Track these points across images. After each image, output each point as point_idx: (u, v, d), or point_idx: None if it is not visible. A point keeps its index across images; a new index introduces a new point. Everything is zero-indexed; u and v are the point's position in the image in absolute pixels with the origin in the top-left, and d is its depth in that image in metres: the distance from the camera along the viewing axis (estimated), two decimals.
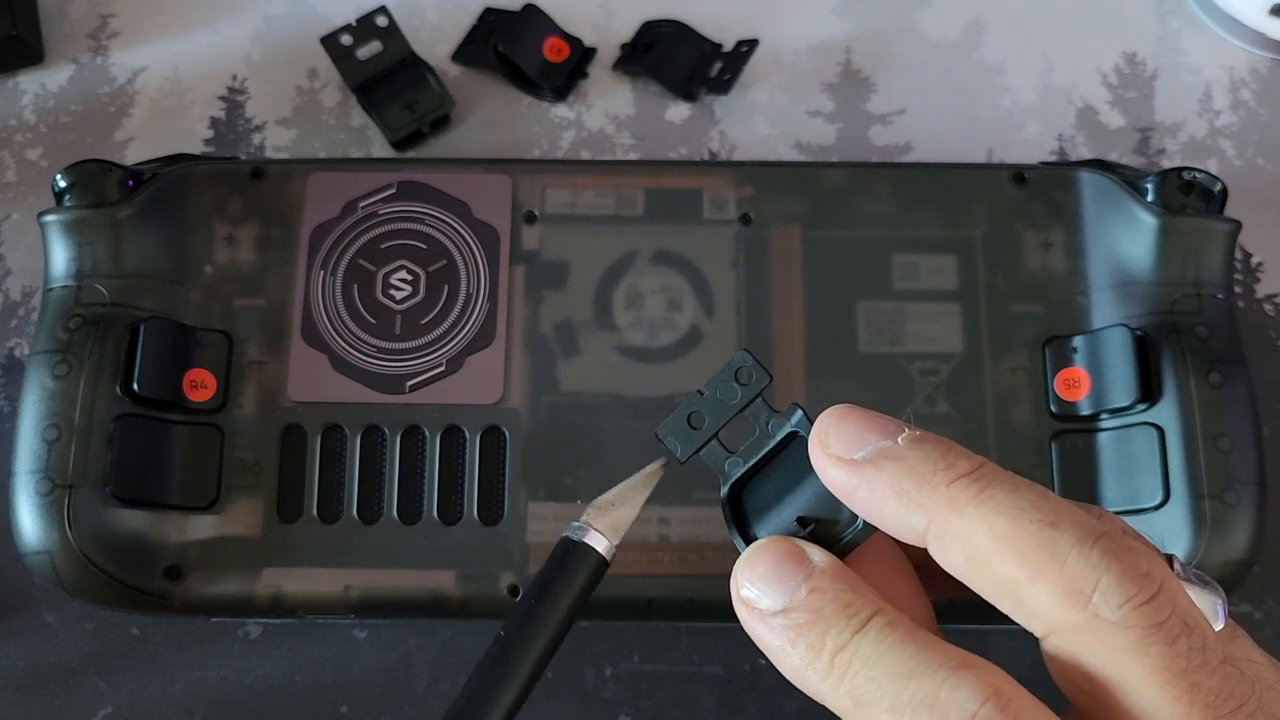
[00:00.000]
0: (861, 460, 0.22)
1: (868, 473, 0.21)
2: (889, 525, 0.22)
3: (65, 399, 0.33)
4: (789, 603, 0.21)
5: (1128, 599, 0.19)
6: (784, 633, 0.21)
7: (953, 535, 0.21)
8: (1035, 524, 0.20)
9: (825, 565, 0.22)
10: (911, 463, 0.21)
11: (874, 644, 0.21)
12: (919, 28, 0.45)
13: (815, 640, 0.21)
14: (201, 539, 0.34)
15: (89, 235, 0.35)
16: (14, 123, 0.43)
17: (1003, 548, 0.20)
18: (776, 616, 0.21)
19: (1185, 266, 0.35)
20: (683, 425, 0.24)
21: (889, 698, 0.20)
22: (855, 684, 0.20)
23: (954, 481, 0.21)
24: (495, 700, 0.24)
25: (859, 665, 0.20)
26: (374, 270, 0.36)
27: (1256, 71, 0.44)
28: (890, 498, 0.21)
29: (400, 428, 0.34)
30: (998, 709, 0.19)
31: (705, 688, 0.36)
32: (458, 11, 0.45)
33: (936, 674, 0.20)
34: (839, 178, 0.37)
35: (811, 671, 0.21)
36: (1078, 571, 0.19)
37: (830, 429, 0.22)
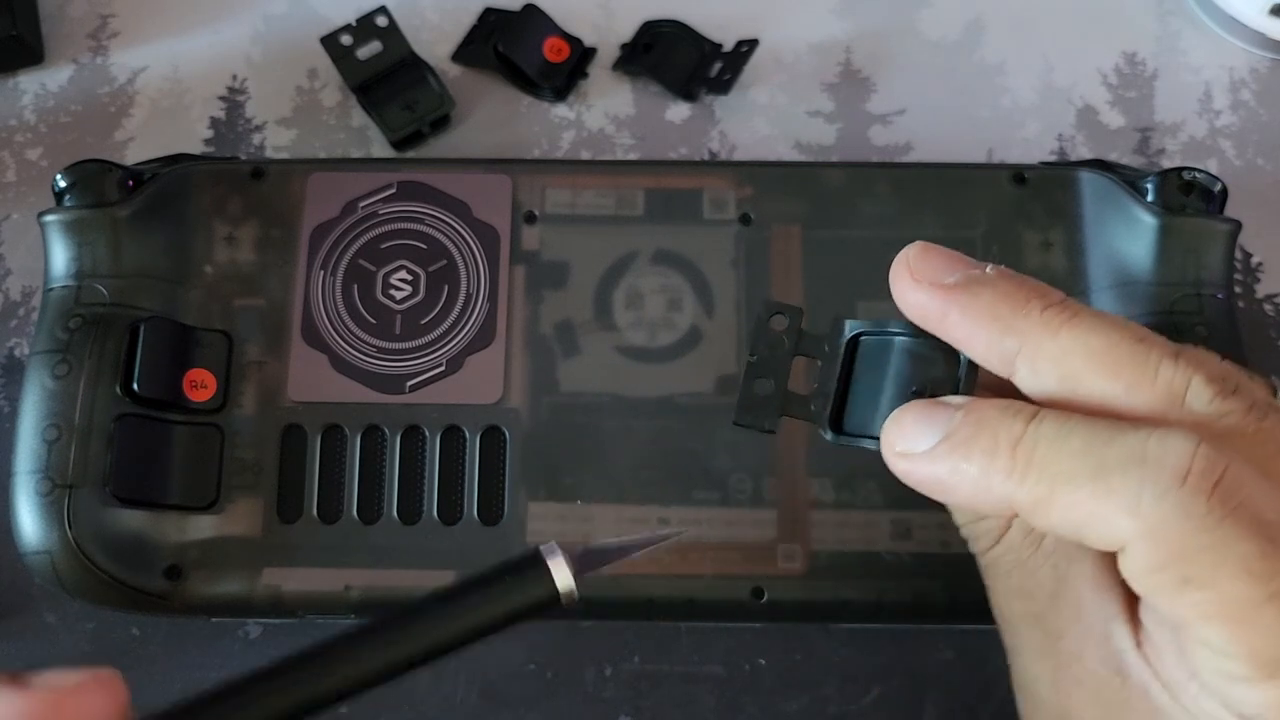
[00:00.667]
0: (954, 285, 0.22)
1: (961, 298, 0.22)
2: (979, 352, 0.22)
3: (65, 399, 0.33)
4: (948, 430, 0.21)
5: (1215, 393, 0.20)
6: (951, 455, 0.21)
7: (1047, 357, 0.21)
8: (1127, 340, 0.21)
9: (967, 399, 0.22)
10: (1005, 289, 0.22)
11: (1055, 425, 0.20)
12: (919, 28, 0.45)
13: (987, 443, 0.21)
14: (201, 539, 0.34)
15: (89, 235, 0.35)
16: (14, 123, 0.43)
17: (1099, 363, 0.20)
18: (939, 446, 0.21)
19: (1185, 266, 0.35)
20: (753, 399, 0.24)
21: (1091, 466, 0.20)
22: (1047, 465, 0.20)
23: (1048, 307, 0.21)
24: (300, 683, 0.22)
25: (1045, 447, 0.20)
26: (374, 270, 0.36)
27: (1256, 71, 0.44)
28: (985, 321, 0.21)
29: (400, 428, 0.34)
30: (1215, 449, 0.19)
31: (705, 687, 0.36)
32: (458, 11, 0.45)
33: (1136, 431, 0.20)
34: (839, 178, 0.37)
35: (994, 475, 0.20)
36: (1169, 377, 0.20)
37: (916, 258, 0.23)
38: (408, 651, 0.23)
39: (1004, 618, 0.23)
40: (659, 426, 0.34)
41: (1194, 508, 0.19)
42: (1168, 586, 0.19)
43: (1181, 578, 0.19)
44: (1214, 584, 0.19)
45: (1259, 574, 0.19)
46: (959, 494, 0.21)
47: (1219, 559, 0.19)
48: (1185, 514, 0.19)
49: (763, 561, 0.33)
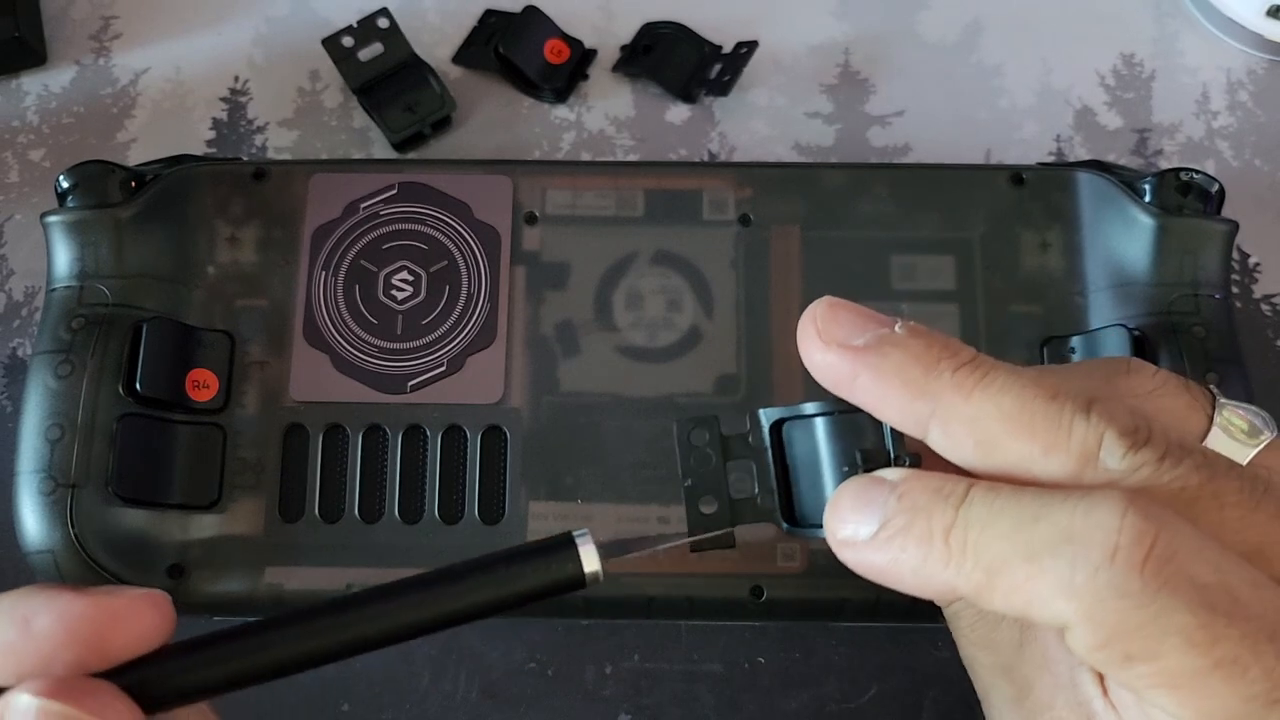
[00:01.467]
0: (863, 346, 0.21)
1: (870, 359, 0.21)
2: (892, 416, 0.21)
3: (68, 399, 0.33)
4: (884, 516, 0.21)
5: (1128, 447, 0.20)
6: (890, 544, 0.21)
7: (961, 420, 0.20)
8: (1040, 399, 0.20)
9: (903, 473, 0.21)
10: (915, 349, 0.21)
11: (983, 507, 0.20)
12: (917, 30, 0.45)
13: (922, 531, 0.20)
14: (204, 538, 0.34)
15: (92, 236, 0.35)
16: (17, 124, 0.44)
17: (1013, 426, 0.20)
18: (879, 534, 0.21)
19: (1183, 267, 0.35)
20: (703, 520, 0.24)
21: (1023, 549, 0.19)
22: (981, 551, 0.20)
23: (959, 368, 0.21)
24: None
25: (977, 531, 0.20)
26: (375, 271, 0.36)
27: (1254, 73, 0.44)
28: (895, 385, 0.21)
29: (401, 427, 0.34)
30: (1142, 517, 0.19)
31: (705, 686, 0.37)
32: (459, 13, 0.45)
33: (1063, 504, 0.19)
34: (838, 179, 0.37)
35: (932, 564, 0.20)
36: (1082, 434, 0.20)
37: (824, 317, 0.22)
38: (436, 611, 0.23)
39: (972, 669, 0.23)
40: (659, 426, 0.34)
41: (1127, 585, 0.19)
42: (1114, 661, 0.19)
43: (1124, 654, 0.19)
44: (1156, 658, 0.19)
45: (1200, 644, 0.18)
46: (905, 583, 0.21)
47: (1159, 633, 0.19)
48: (1119, 592, 0.19)
49: (762, 560, 0.33)
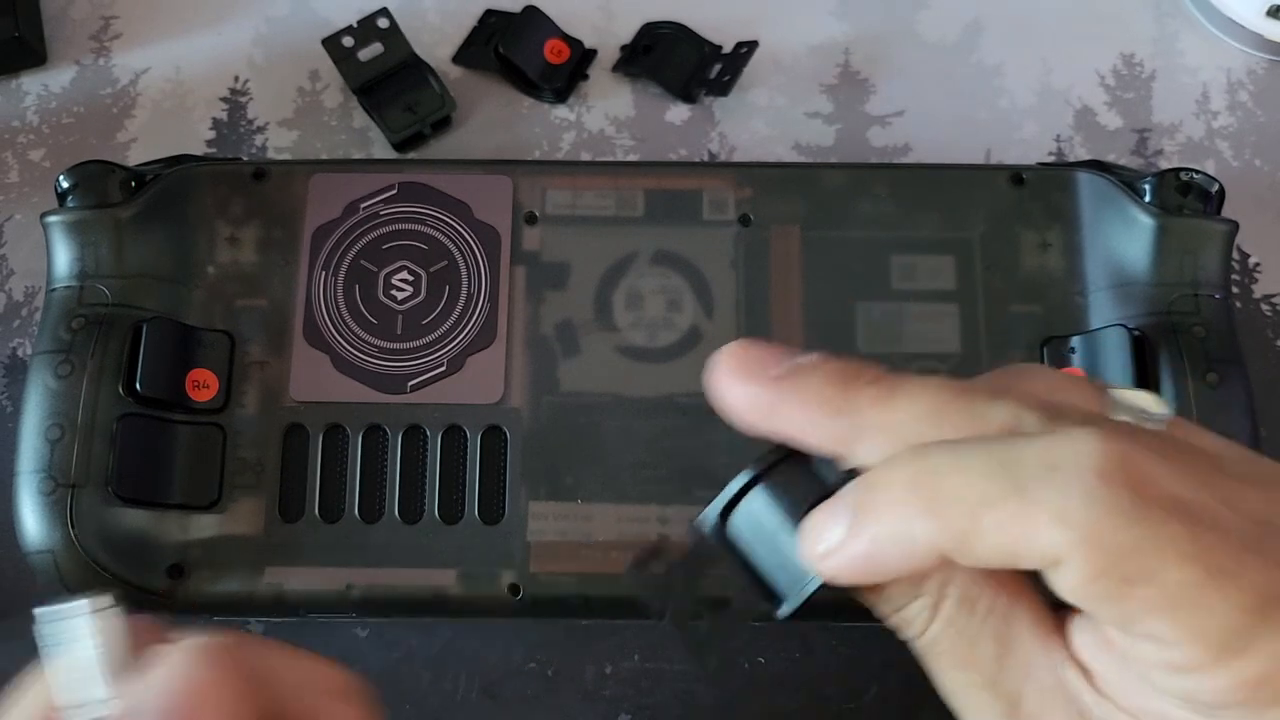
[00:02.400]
0: (780, 375, 0.22)
1: (789, 385, 0.22)
2: (815, 436, 0.22)
3: (68, 399, 0.33)
4: (852, 507, 0.21)
5: (1046, 419, 0.20)
6: (865, 526, 0.21)
7: (884, 429, 0.21)
8: (952, 394, 0.21)
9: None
10: (831, 372, 0.22)
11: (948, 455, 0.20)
12: (917, 30, 0.45)
13: (893, 496, 0.21)
14: (204, 538, 0.34)
15: (92, 236, 0.35)
16: (17, 124, 0.44)
17: (933, 423, 0.21)
18: (852, 525, 0.21)
19: (1183, 267, 0.35)
20: (703, 644, 0.23)
21: (1006, 484, 0.19)
22: (959, 495, 0.20)
23: (873, 382, 0.21)
24: None
25: (950, 478, 0.20)
26: (375, 271, 0.36)
27: (1254, 73, 0.44)
28: (816, 406, 0.21)
29: (401, 427, 0.35)
30: (1118, 441, 0.19)
31: (705, 686, 0.37)
32: (459, 13, 0.45)
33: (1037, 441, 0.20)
34: (838, 179, 0.37)
35: (913, 523, 0.20)
36: (1000, 416, 0.20)
37: (739, 355, 0.22)
38: None
39: (956, 696, 0.23)
40: (659, 426, 0.34)
41: (1121, 503, 0.19)
42: (1111, 592, 0.19)
43: (1122, 578, 0.19)
44: (1154, 576, 0.19)
45: (1191, 555, 0.19)
46: (890, 560, 0.21)
47: (1154, 549, 0.19)
48: (1115, 511, 0.19)
49: None
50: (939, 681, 0.23)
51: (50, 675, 0.21)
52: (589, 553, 0.34)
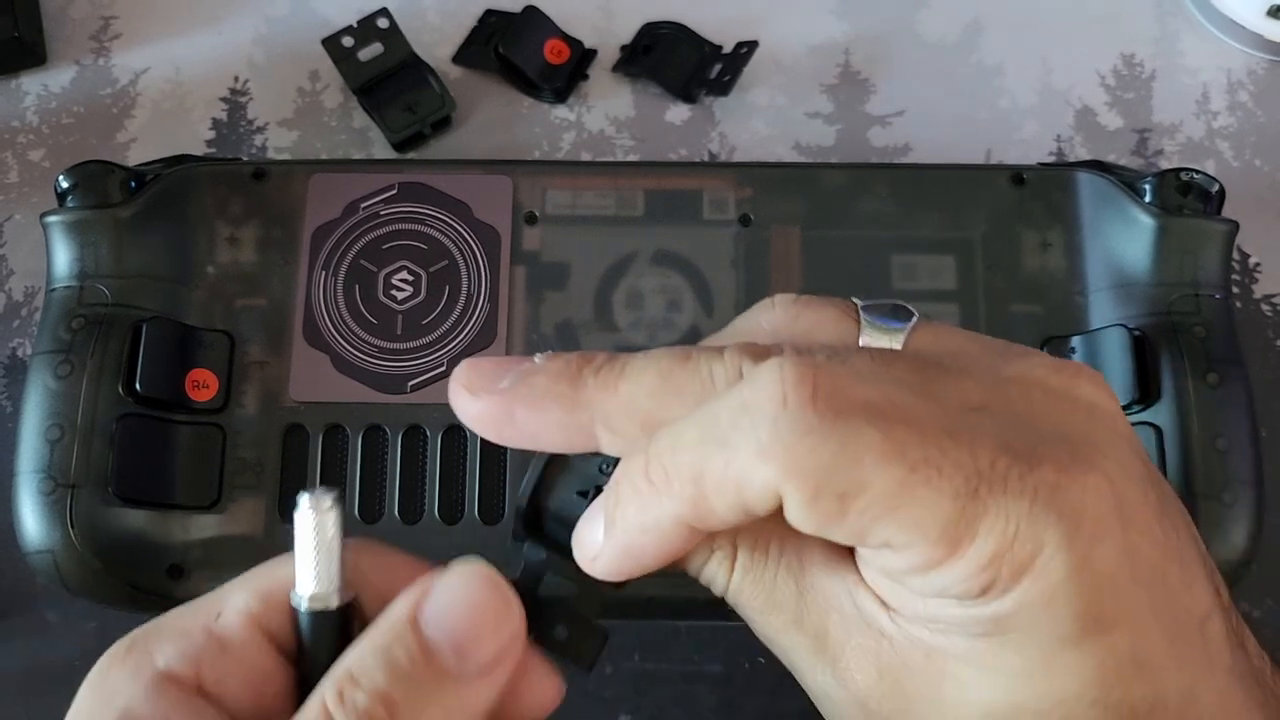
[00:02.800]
0: (509, 385, 0.22)
1: (520, 392, 0.22)
2: (557, 436, 0.22)
3: (68, 399, 0.33)
4: (604, 511, 0.22)
5: (764, 359, 0.21)
6: (616, 523, 0.22)
7: (618, 413, 0.22)
8: (674, 362, 0.21)
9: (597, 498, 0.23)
10: (554, 369, 0.22)
11: (666, 436, 0.21)
12: (918, 29, 0.45)
13: (629, 490, 0.21)
14: (204, 538, 0.34)
15: (91, 236, 0.35)
16: (16, 124, 0.44)
17: (662, 396, 0.21)
18: (607, 528, 0.22)
19: (1183, 267, 0.35)
20: (557, 645, 0.23)
21: (710, 442, 0.20)
22: (679, 469, 0.21)
23: (599, 370, 0.22)
24: None
25: (669, 457, 0.21)
26: (375, 271, 0.36)
27: (1254, 73, 0.44)
28: (548, 405, 0.22)
29: (401, 427, 0.34)
30: (797, 364, 0.20)
31: (705, 686, 0.37)
32: (458, 13, 0.45)
33: (730, 391, 0.21)
34: (838, 179, 0.37)
35: (651, 508, 0.21)
36: (722, 373, 0.21)
37: (468, 373, 0.23)
38: None
39: (771, 639, 0.24)
40: None
41: (805, 421, 0.19)
42: (831, 511, 0.20)
43: (836, 496, 0.19)
44: (864, 486, 0.19)
45: (891, 453, 0.19)
46: (648, 549, 0.22)
47: (854, 457, 0.19)
48: (804, 430, 0.19)
49: None
50: (757, 631, 0.24)
51: (293, 560, 0.22)
52: None
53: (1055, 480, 0.20)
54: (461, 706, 0.21)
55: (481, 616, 0.21)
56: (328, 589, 0.22)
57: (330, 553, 0.22)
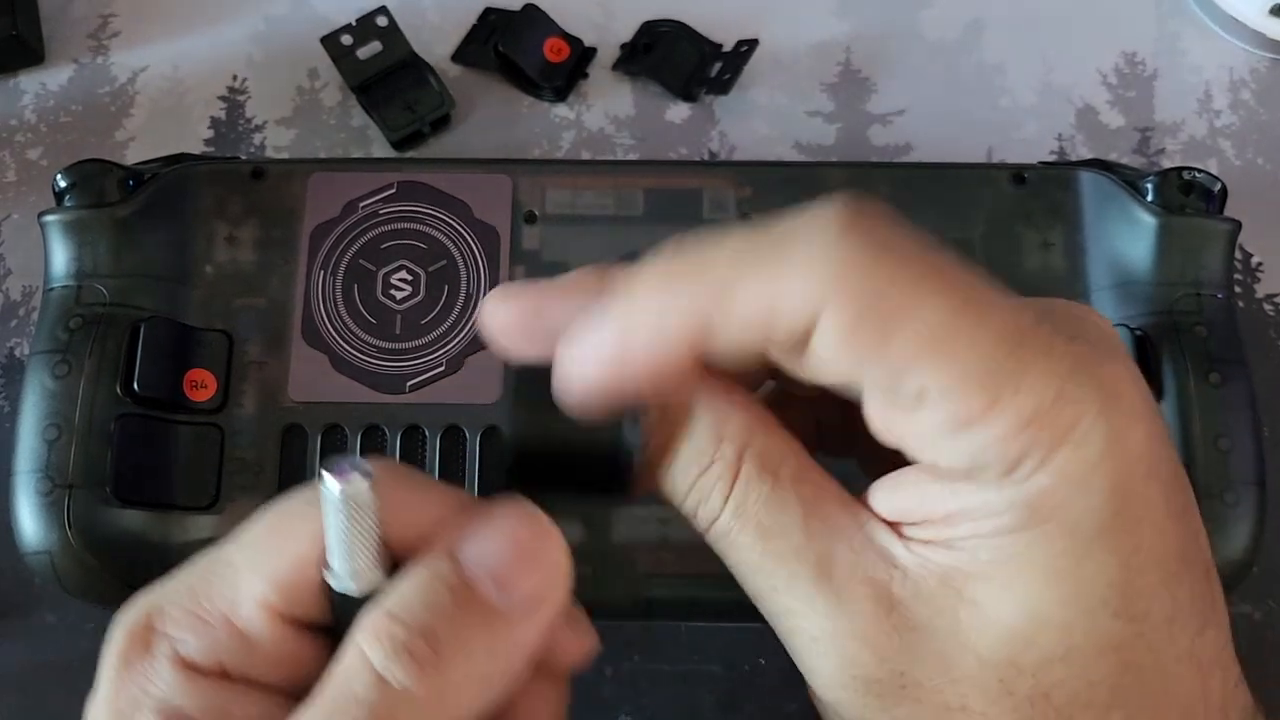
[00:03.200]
0: (539, 288, 0.22)
1: (549, 288, 0.22)
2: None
3: (65, 399, 0.33)
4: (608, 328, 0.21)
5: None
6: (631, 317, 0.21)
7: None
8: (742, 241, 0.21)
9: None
10: (587, 269, 0.22)
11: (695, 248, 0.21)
12: (919, 28, 0.45)
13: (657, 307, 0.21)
14: (202, 539, 0.34)
15: (89, 235, 0.35)
16: (14, 123, 0.44)
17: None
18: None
19: (1185, 266, 0.35)
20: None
21: (760, 255, 0.20)
22: (709, 276, 0.20)
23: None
24: None
25: (706, 267, 0.20)
26: (374, 270, 0.36)
27: (1256, 71, 0.44)
28: (576, 294, 0.22)
29: (400, 427, 0.34)
30: (853, 201, 0.20)
31: (705, 687, 0.37)
32: (458, 11, 0.45)
33: (783, 219, 0.20)
34: (839, 178, 0.37)
35: (668, 314, 0.20)
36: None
37: (500, 292, 0.22)
38: None
39: (765, 572, 0.22)
40: None
41: (866, 245, 0.19)
42: (871, 343, 0.19)
43: (879, 323, 0.19)
44: (912, 314, 0.19)
45: (941, 289, 0.19)
46: (639, 352, 0.20)
47: (905, 285, 0.19)
48: (861, 250, 0.19)
49: None
50: (743, 564, 0.22)
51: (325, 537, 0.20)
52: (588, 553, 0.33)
53: (1092, 355, 0.20)
54: (507, 644, 0.20)
55: (523, 549, 0.21)
56: (368, 570, 0.20)
57: (368, 535, 0.20)
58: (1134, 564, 0.20)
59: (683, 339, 0.20)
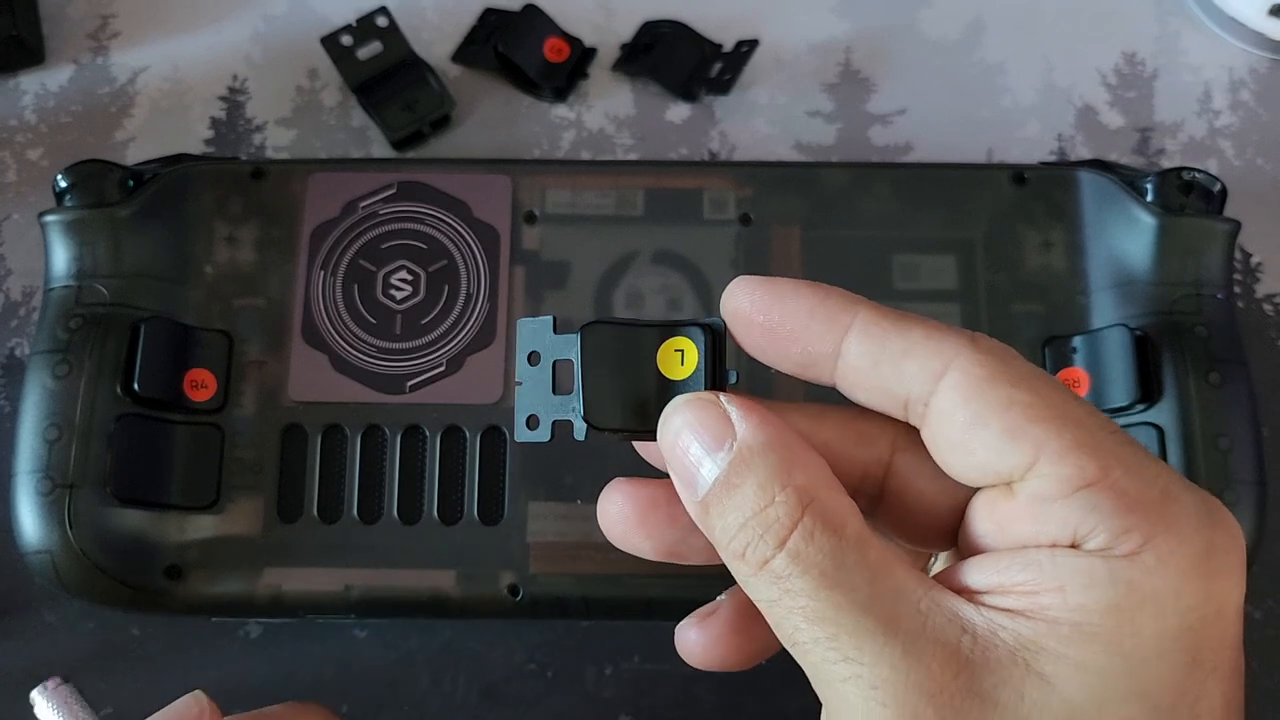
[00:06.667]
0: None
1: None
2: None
3: (66, 399, 0.33)
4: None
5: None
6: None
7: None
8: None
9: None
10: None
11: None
12: (919, 28, 0.45)
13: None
14: (202, 539, 0.34)
15: (89, 235, 0.35)
16: (15, 123, 0.43)
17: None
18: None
19: (1185, 266, 0.35)
20: (524, 425, 0.24)
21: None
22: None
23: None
24: None
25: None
26: (374, 270, 0.36)
27: (1256, 72, 0.44)
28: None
29: (400, 427, 0.34)
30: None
31: (705, 687, 0.37)
32: (458, 12, 0.45)
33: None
34: (839, 178, 0.37)
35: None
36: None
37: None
38: None
39: (825, 619, 0.21)
40: None
41: (990, 354, 0.21)
42: (997, 400, 0.20)
43: (1007, 384, 0.20)
44: (1034, 384, 0.21)
45: (1059, 385, 0.21)
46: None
47: (1028, 368, 0.21)
48: (986, 340, 0.21)
49: None
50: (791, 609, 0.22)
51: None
52: (589, 553, 0.33)
53: (1210, 498, 0.21)
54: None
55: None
56: None
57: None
58: (1196, 686, 0.20)
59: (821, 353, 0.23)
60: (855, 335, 0.22)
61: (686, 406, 0.22)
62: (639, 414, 0.23)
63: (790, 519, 0.21)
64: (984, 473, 0.21)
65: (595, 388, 0.23)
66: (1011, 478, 0.21)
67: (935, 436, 0.22)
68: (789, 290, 0.23)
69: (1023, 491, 0.21)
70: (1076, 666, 0.20)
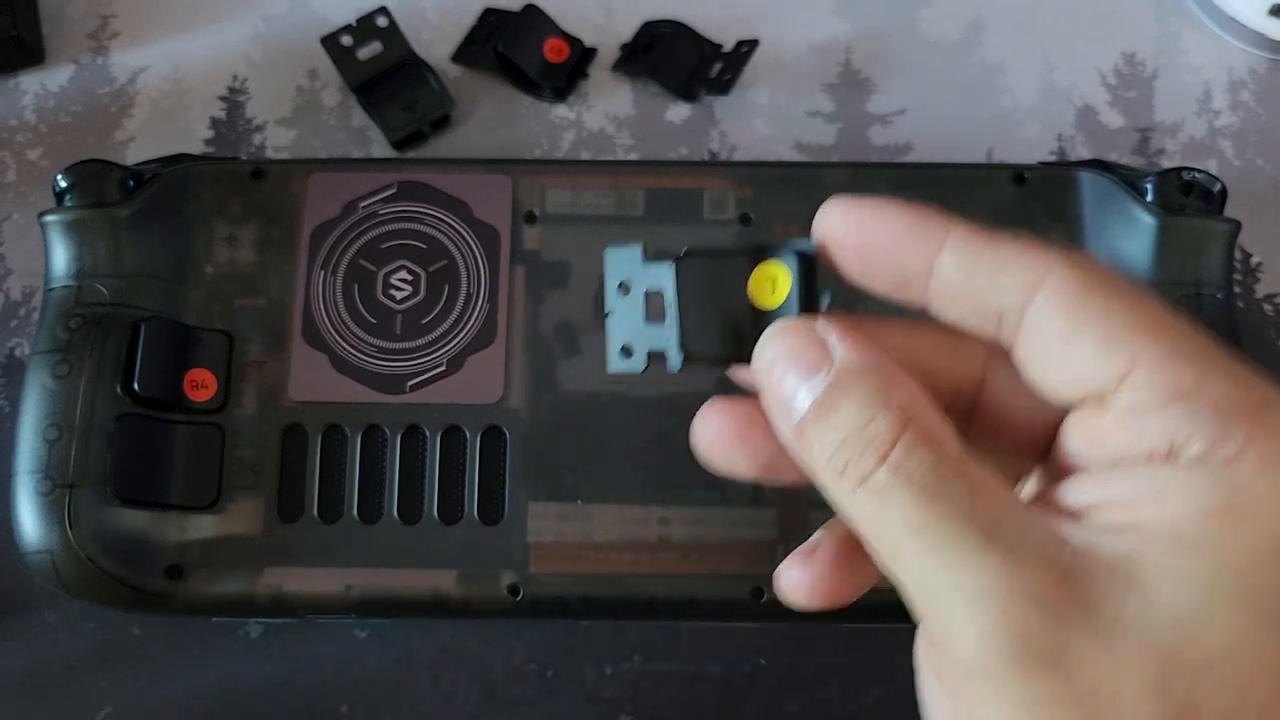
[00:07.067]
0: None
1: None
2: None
3: (66, 399, 0.33)
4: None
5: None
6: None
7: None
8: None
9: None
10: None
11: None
12: (919, 28, 0.45)
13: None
14: (202, 538, 0.34)
15: (89, 235, 0.35)
16: (15, 123, 0.43)
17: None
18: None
19: (1185, 267, 0.35)
20: (619, 355, 0.24)
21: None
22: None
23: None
24: None
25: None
26: (374, 270, 0.36)
27: (1256, 72, 0.44)
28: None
29: (401, 427, 0.34)
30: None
31: (706, 687, 0.37)
32: (458, 12, 0.45)
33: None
34: (839, 178, 0.37)
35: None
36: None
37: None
38: None
39: (926, 530, 0.21)
40: (659, 426, 0.34)
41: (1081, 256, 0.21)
42: (1094, 311, 0.20)
43: (1104, 294, 0.21)
44: (1129, 296, 0.20)
45: (1156, 300, 0.21)
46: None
47: (1122, 281, 0.21)
48: (1080, 254, 0.21)
49: (763, 561, 0.33)
50: (890, 520, 0.22)
51: None
52: (589, 553, 0.33)
53: None
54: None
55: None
56: None
57: None
58: None
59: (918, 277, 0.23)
60: (949, 251, 0.22)
61: (781, 334, 0.23)
62: (734, 342, 0.23)
63: (892, 434, 0.21)
64: (1078, 386, 0.21)
65: (692, 318, 0.23)
66: (1106, 390, 0.20)
67: (1029, 350, 0.22)
68: (882, 209, 0.23)
69: (1117, 404, 0.20)
70: (1179, 577, 0.19)
